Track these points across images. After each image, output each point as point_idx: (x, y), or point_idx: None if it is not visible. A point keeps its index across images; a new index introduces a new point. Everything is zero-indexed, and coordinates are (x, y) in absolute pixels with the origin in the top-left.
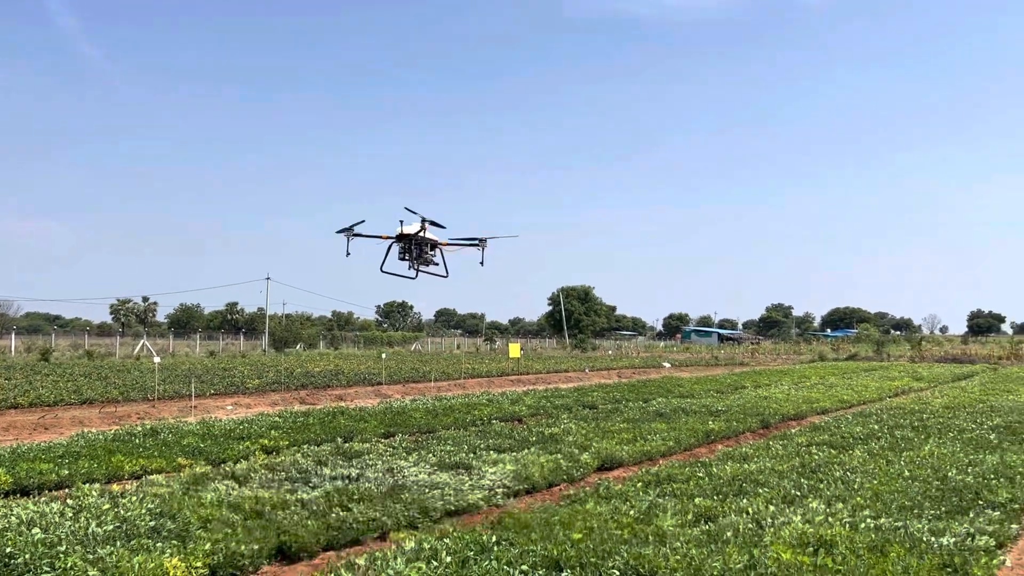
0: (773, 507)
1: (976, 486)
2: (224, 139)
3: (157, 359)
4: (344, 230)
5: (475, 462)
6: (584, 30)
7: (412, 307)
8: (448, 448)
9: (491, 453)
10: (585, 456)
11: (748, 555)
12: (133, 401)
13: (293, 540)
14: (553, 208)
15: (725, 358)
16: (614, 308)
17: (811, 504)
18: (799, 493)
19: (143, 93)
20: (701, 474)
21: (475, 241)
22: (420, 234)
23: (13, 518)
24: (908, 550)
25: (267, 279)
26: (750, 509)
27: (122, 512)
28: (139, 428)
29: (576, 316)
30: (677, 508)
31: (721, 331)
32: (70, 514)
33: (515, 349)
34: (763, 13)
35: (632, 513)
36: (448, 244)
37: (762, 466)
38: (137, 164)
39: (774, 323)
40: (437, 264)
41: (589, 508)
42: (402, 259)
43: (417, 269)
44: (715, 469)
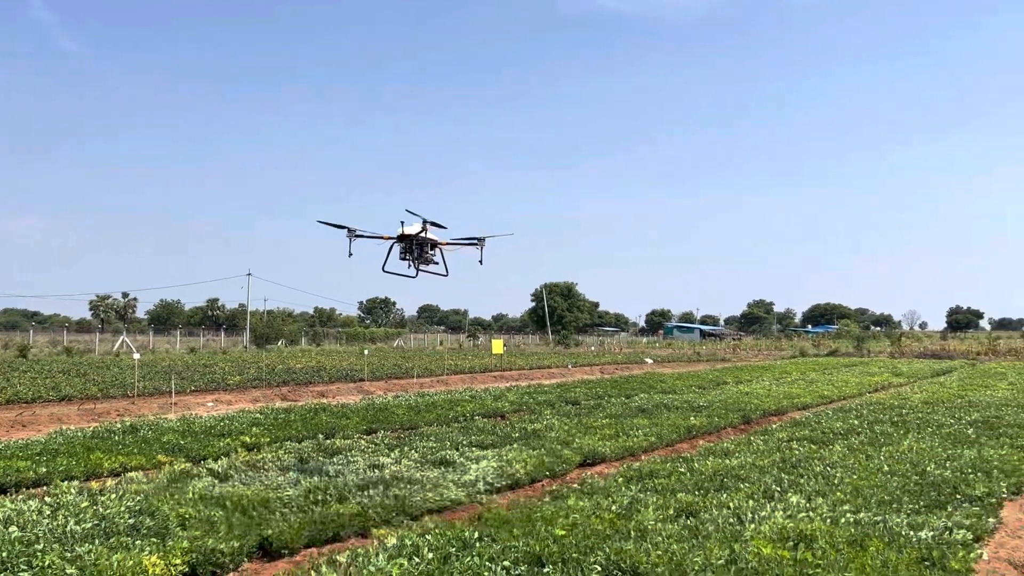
0: (754, 502)
1: (954, 480)
2: (205, 135)
3: (137, 355)
4: (333, 225)
5: (458, 458)
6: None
7: (395, 303)
8: (430, 444)
9: (474, 449)
10: (567, 452)
11: (729, 550)
12: (112, 398)
13: (274, 537)
14: (537, 204)
15: (707, 354)
16: (597, 304)
17: (791, 499)
18: (780, 488)
19: (124, 88)
20: (683, 469)
21: (474, 240)
22: (421, 234)
23: None
24: (887, 544)
25: (248, 275)
26: (731, 504)
27: (101, 510)
28: (118, 425)
29: (559, 312)
30: (659, 503)
31: (703, 327)
32: (48, 512)
33: (498, 345)
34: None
35: (614, 509)
36: (448, 244)
37: (743, 461)
38: (117, 160)
39: (756, 319)
40: (437, 263)
41: (571, 504)
42: (403, 259)
43: (418, 269)
44: (696, 464)
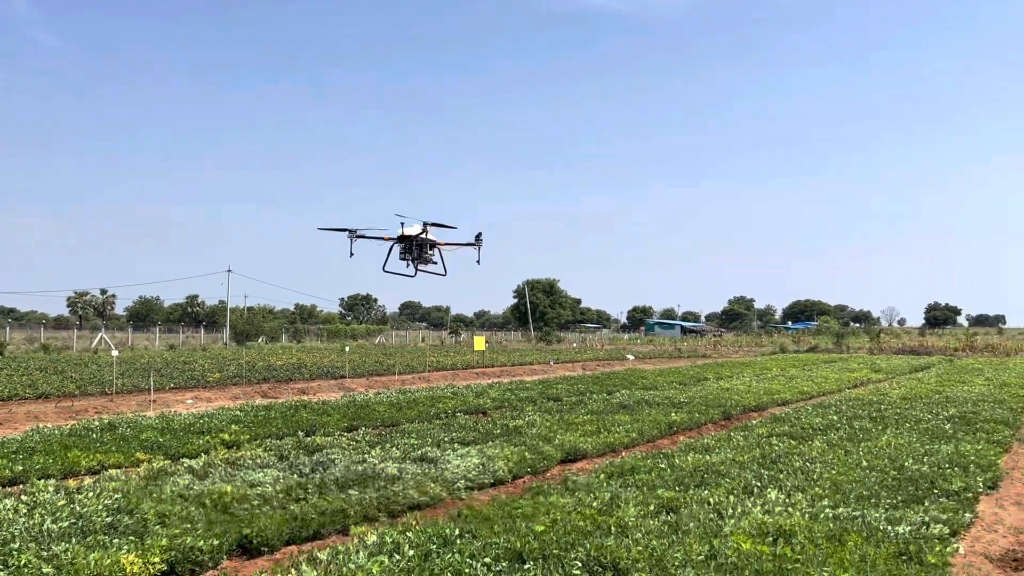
0: (734, 497)
1: (931, 475)
2: (186, 130)
3: (115, 353)
4: (334, 230)
5: (439, 455)
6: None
7: (376, 300)
8: (412, 441)
9: (455, 446)
10: (549, 448)
11: (708, 545)
12: (90, 395)
13: (253, 535)
14: (521, 201)
15: (688, 350)
16: (579, 301)
17: (771, 494)
18: (759, 484)
19: (99, 82)
20: (663, 465)
21: (472, 241)
22: (421, 235)
23: None
24: (865, 539)
25: (228, 271)
26: (711, 500)
27: (78, 508)
28: (96, 423)
29: (541, 309)
30: (639, 499)
31: (684, 323)
32: (24, 511)
33: (480, 342)
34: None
35: (595, 505)
36: (446, 244)
37: (723, 457)
38: (96, 155)
39: (736, 315)
40: (436, 263)
41: (552, 500)
42: (403, 259)
43: (417, 268)
44: (677, 460)
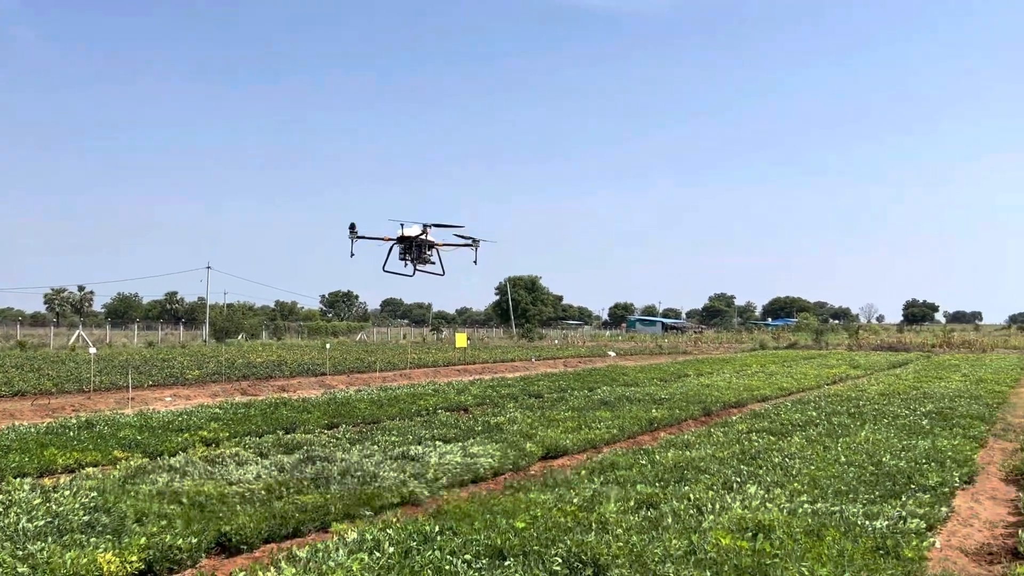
0: (713, 493)
1: (909, 471)
2: (166, 125)
3: (93, 350)
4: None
5: (420, 452)
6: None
7: (357, 297)
8: (393, 438)
9: (437, 443)
10: (530, 445)
11: (688, 541)
12: (68, 393)
13: (233, 532)
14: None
15: (669, 347)
16: (561, 298)
17: (750, 490)
18: (739, 479)
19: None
20: (644, 461)
21: (469, 242)
22: (420, 236)
23: None
24: (843, 534)
25: (208, 268)
26: (691, 495)
27: (54, 507)
28: (73, 421)
29: (523, 306)
30: (620, 495)
31: (665, 320)
32: None
33: (462, 339)
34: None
35: (576, 501)
36: (444, 245)
37: (703, 453)
38: (74, 150)
39: (717, 312)
40: (434, 263)
41: (533, 497)
42: (402, 259)
43: (416, 268)
44: (658, 456)
